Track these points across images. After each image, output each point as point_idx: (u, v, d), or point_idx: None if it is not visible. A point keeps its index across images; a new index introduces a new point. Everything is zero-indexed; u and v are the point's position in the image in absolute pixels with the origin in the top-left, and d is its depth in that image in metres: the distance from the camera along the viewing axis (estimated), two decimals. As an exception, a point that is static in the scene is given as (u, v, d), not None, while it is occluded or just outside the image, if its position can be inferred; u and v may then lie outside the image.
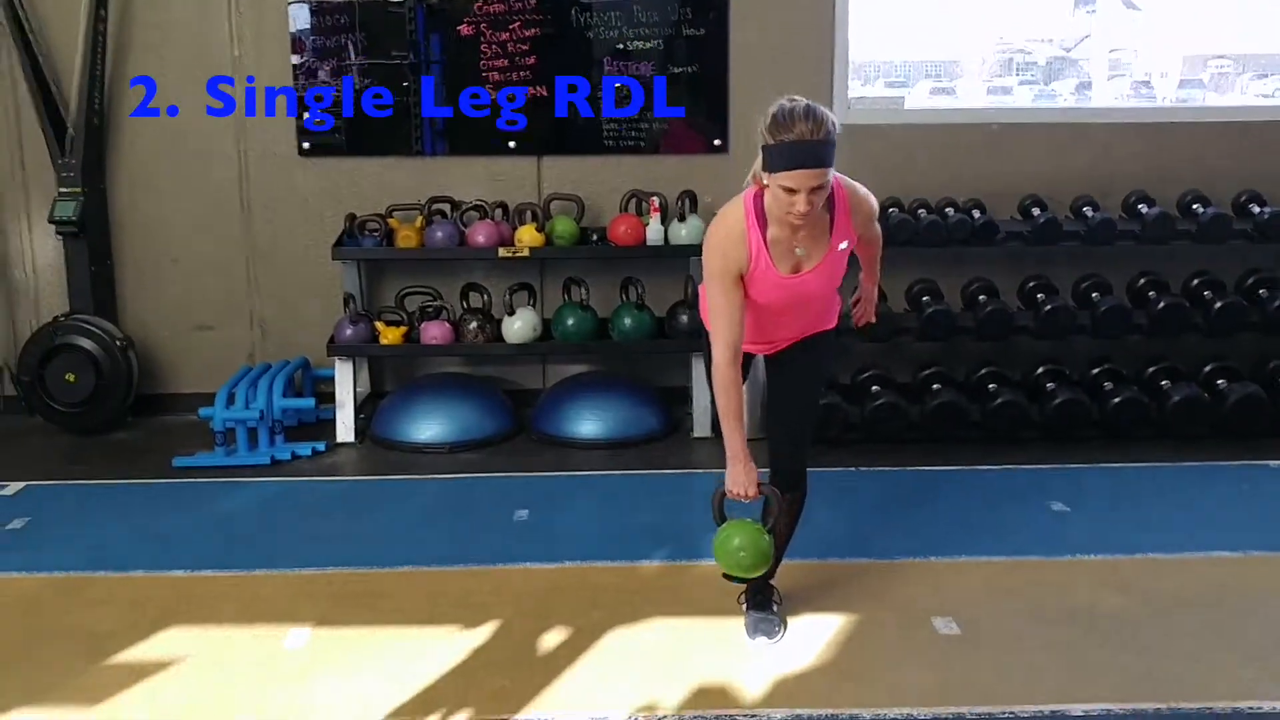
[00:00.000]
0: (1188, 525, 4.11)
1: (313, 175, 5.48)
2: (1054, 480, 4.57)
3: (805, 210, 2.79)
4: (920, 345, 5.26)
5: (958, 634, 3.34)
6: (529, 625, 3.39)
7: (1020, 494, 4.44)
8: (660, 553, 3.90)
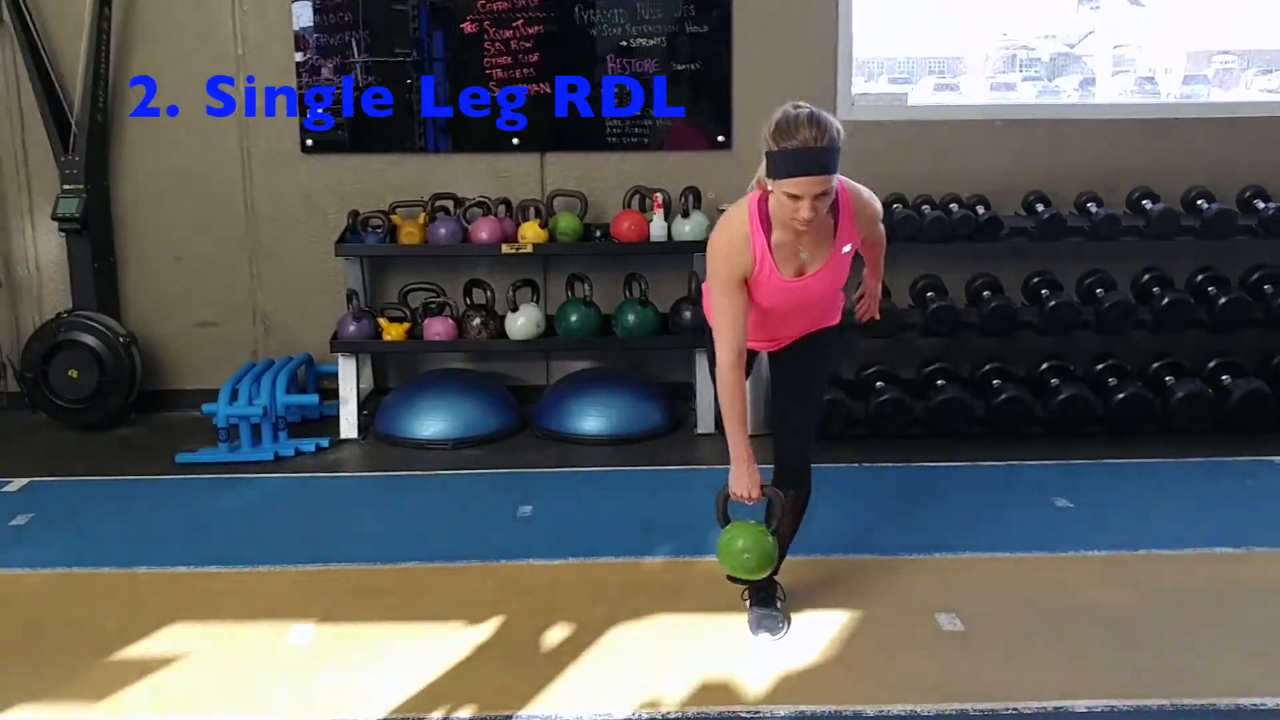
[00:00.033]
0: (1191, 521, 4.11)
1: (316, 172, 5.49)
2: (1058, 476, 4.57)
3: (809, 217, 2.78)
4: (924, 341, 5.26)
5: (961, 630, 3.33)
6: (532, 621, 3.39)
7: (1024, 490, 4.44)
8: (663, 549, 3.90)
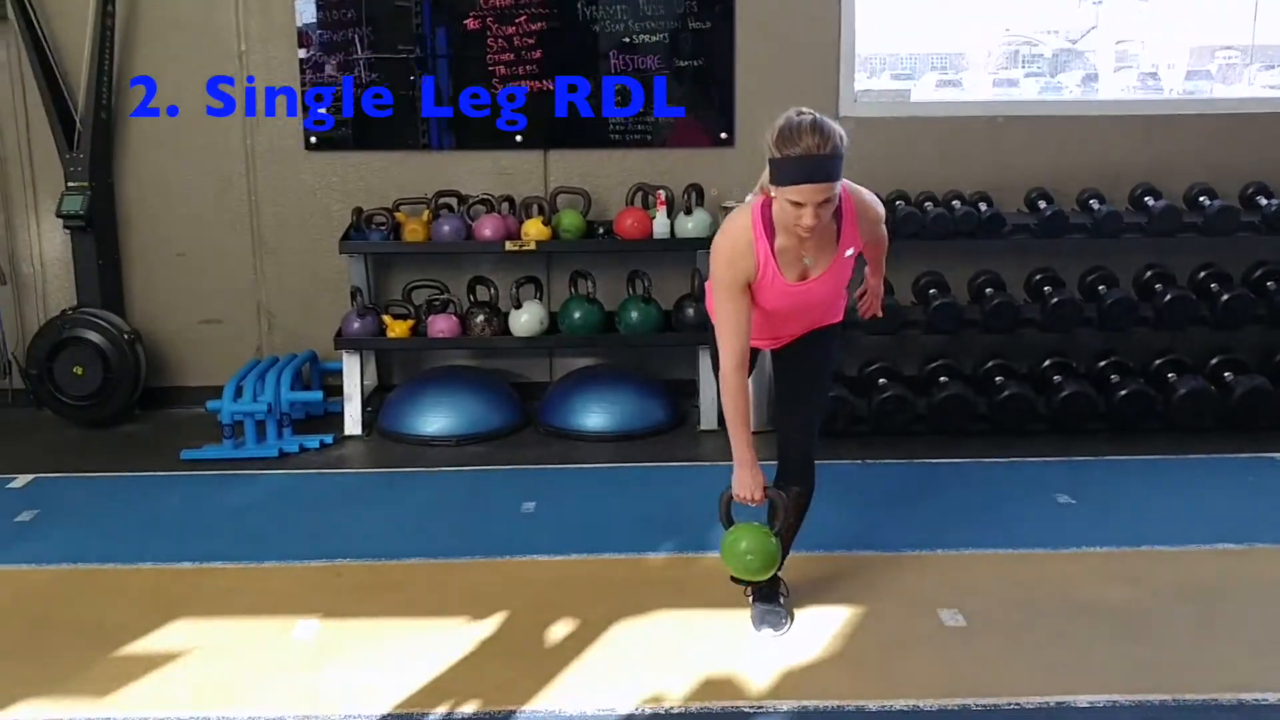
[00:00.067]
0: (1193, 517, 4.11)
1: (320, 169, 5.49)
2: (1060, 472, 4.57)
3: (812, 224, 2.79)
4: (927, 338, 5.26)
5: (964, 626, 3.34)
6: (536, 617, 3.40)
7: (1026, 486, 4.44)
8: (667, 545, 3.90)
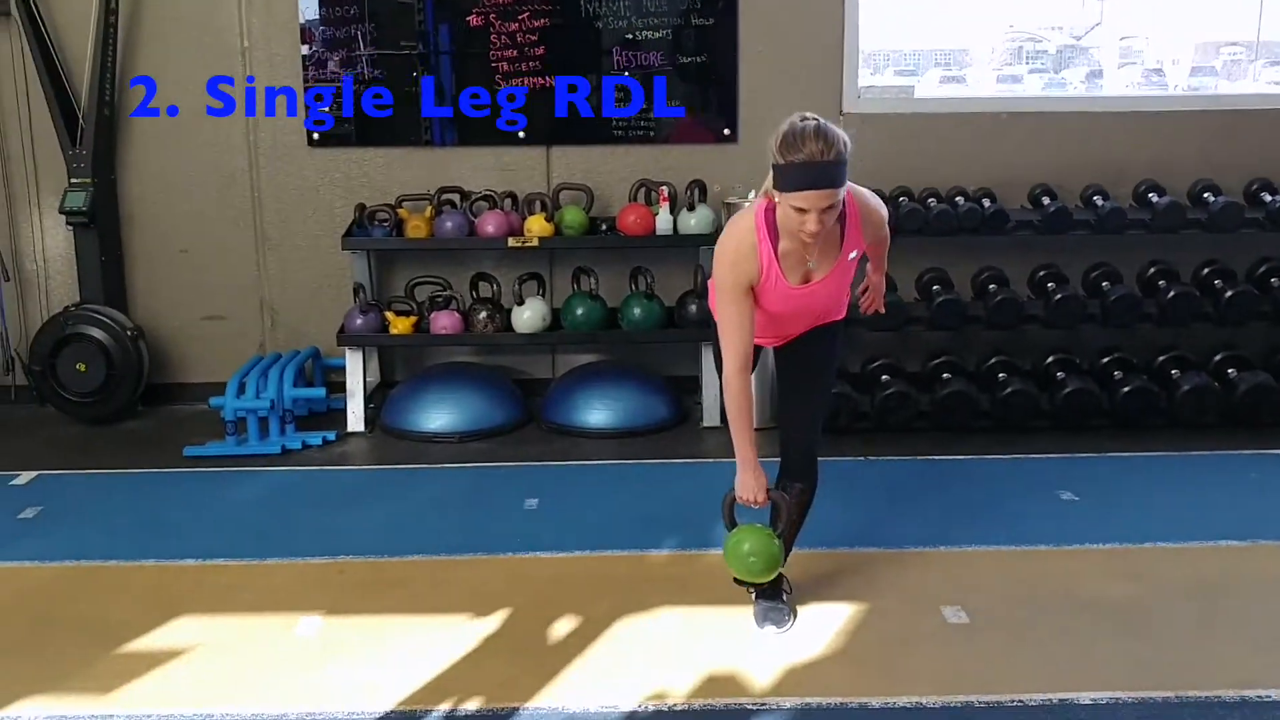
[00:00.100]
0: (1196, 514, 4.11)
1: (322, 165, 5.49)
2: (1063, 469, 4.57)
3: (816, 230, 2.79)
4: (930, 334, 5.25)
5: (966, 623, 3.34)
6: (539, 614, 3.40)
7: (1029, 483, 4.43)
8: (669, 542, 3.90)
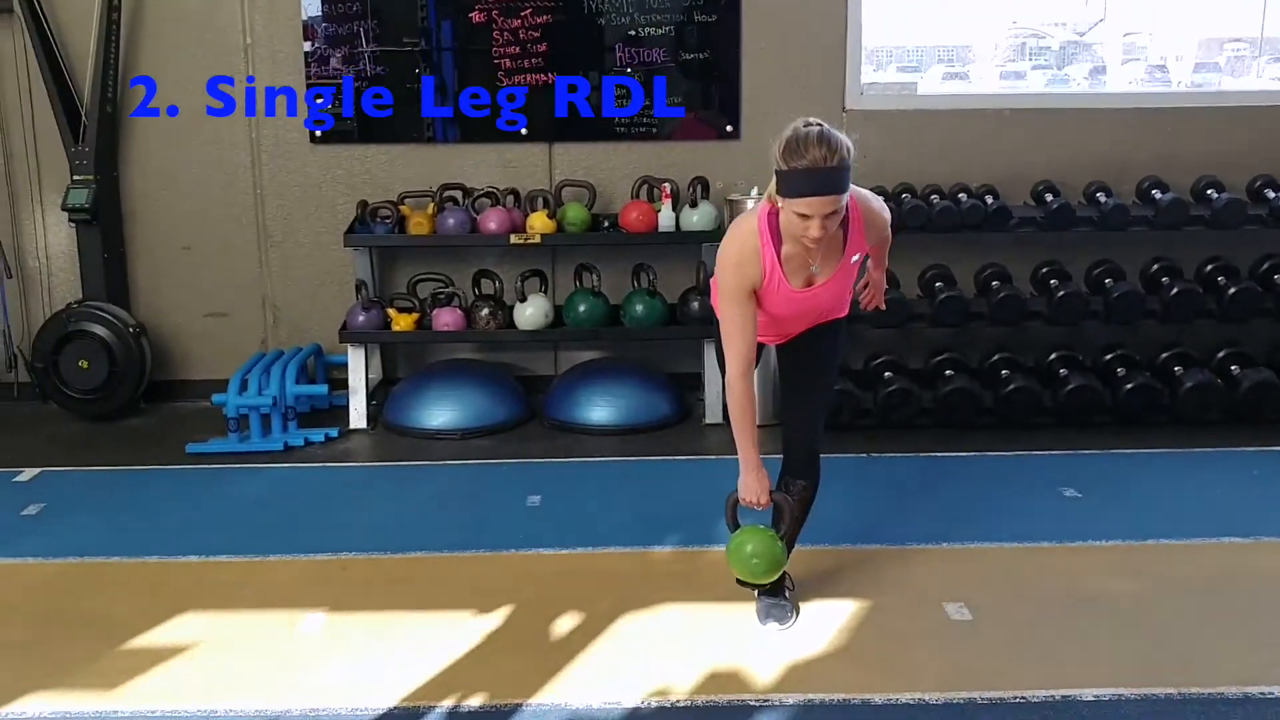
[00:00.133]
0: (1199, 511, 4.11)
1: (325, 162, 5.49)
2: (1066, 466, 4.57)
3: (819, 235, 2.79)
4: (933, 331, 5.25)
5: (969, 619, 3.34)
6: (542, 610, 3.41)
7: (1032, 480, 4.43)
8: (672, 538, 3.90)
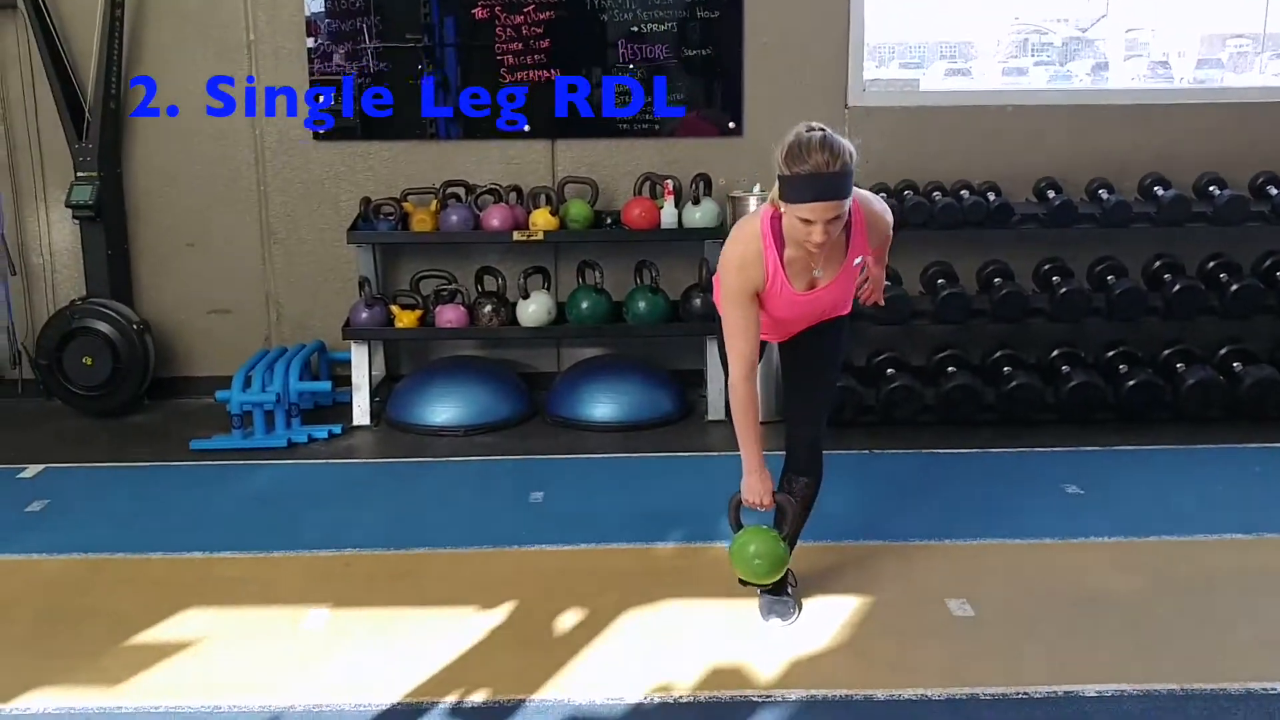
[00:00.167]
0: (1202, 507, 4.11)
1: (328, 159, 5.49)
2: (1068, 463, 4.57)
3: (821, 240, 2.79)
4: (935, 328, 5.25)
5: (972, 616, 3.34)
6: (544, 606, 3.41)
7: (1035, 476, 4.43)
8: (675, 535, 3.91)
